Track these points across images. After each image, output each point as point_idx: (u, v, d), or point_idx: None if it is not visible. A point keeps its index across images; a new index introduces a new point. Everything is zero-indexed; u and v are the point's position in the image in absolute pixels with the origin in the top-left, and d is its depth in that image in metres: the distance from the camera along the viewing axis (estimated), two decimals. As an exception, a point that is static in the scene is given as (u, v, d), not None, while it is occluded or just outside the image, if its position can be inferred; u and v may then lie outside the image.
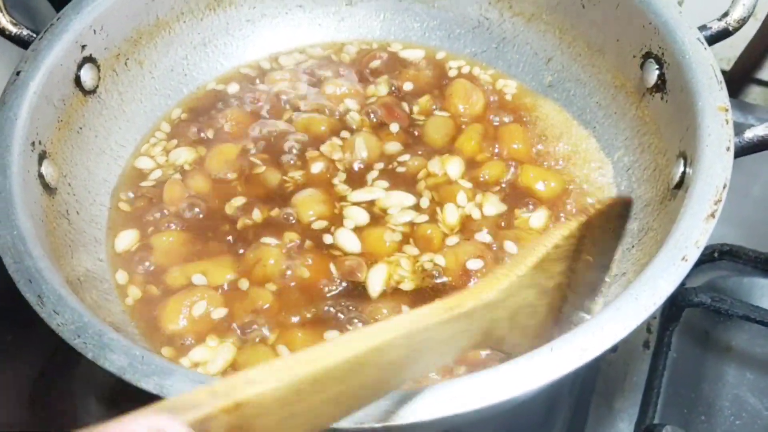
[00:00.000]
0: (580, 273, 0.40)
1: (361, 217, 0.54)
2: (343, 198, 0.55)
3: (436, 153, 0.58)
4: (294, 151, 0.58)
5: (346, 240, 0.52)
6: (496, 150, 0.58)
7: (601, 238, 0.41)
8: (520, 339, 0.38)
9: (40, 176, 0.48)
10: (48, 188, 0.49)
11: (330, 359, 0.27)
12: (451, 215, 0.53)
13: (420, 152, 0.58)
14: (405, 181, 0.56)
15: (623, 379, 0.58)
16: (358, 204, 0.54)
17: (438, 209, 0.54)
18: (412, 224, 0.53)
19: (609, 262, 0.44)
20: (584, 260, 0.40)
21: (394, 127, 0.59)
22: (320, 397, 0.27)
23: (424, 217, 0.54)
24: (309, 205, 0.54)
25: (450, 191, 0.55)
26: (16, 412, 0.58)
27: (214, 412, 0.23)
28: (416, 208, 0.54)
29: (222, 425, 0.23)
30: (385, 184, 0.55)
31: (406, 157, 0.57)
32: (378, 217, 0.54)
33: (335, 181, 0.56)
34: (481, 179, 0.56)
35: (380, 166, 0.57)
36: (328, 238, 0.52)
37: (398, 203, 0.54)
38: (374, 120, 0.60)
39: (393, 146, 0.58)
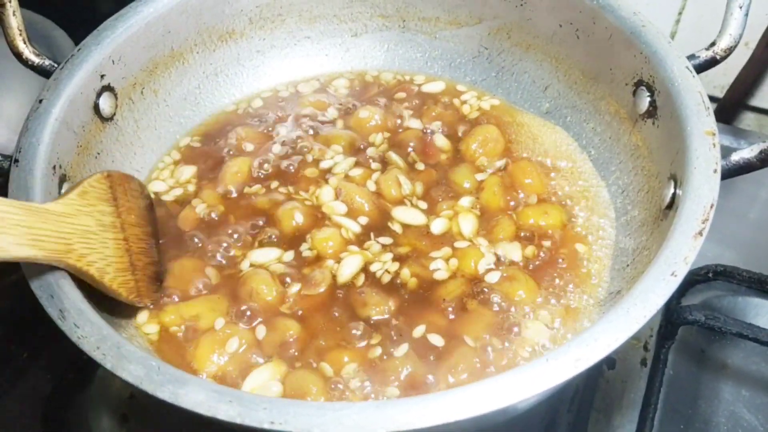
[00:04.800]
0: (128, 224, 0.51)
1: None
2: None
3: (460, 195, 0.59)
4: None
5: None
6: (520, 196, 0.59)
7: (129, 200, 0.52)
8: (104, 265, 0.47)
9: (60, 198, 0.51)
10: (67, 210, 0.51)
11: None
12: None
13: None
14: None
15: (621, 395, 0.59)
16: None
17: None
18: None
19: (147, 227, 0.54)
20: (127, 216, 0.51)
21: (421, 166, 0.61)
22: None
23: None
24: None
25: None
26: (29, 427, 0.59)
27: None
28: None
29: None
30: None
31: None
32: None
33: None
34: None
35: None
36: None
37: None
38: (410, 156, 0.62)
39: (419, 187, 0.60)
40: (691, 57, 0.54)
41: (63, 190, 0.51)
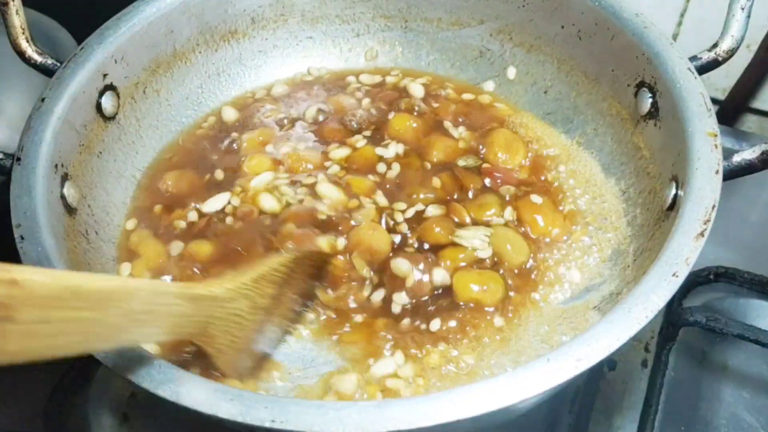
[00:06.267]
0: (282, 305, 0.45)
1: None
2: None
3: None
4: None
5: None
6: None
7: (302, 279, 0.46)
8: (226, 346, 0.41)
9: (62, 197, 0.51)
10: (69, 209, 0.51)
11: (89, 283, 0.30)
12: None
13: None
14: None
15: (622, 397, 0.59)
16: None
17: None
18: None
19: (300, 299, 0.48)
20: (288, 294, 0.45)
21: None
22: (75, 315, 0.29)
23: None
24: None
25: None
26: (30, 426, 0.59)
27: None
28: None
29: None
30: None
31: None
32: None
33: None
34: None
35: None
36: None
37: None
38: None
39: None
40: (693, 58, 0.54)
41: (65, 189, 0.51)
